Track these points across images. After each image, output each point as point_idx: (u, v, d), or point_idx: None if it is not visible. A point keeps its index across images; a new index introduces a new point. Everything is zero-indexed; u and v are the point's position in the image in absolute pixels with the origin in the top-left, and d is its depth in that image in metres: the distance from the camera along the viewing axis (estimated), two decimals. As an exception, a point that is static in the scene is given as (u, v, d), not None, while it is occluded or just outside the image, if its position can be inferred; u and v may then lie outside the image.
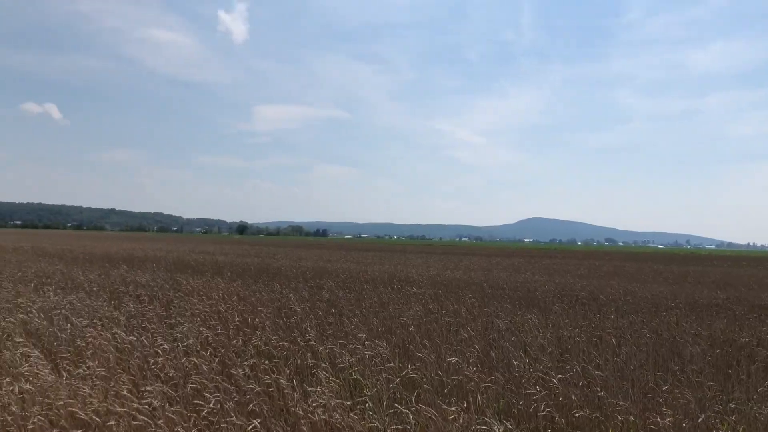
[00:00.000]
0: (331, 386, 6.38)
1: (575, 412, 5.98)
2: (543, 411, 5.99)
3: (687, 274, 30.20)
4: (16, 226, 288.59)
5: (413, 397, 6.22)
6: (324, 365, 7.31)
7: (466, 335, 9.42)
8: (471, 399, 6.40)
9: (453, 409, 5.71)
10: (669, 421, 5.63)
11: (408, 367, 7.11)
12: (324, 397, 5.86)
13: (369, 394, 6.52)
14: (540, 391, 6.39)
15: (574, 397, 6.35)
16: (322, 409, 5.58)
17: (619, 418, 5.84)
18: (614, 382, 7.17)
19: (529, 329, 10.41)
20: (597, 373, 7.32)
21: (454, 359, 7.56)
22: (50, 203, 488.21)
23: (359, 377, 7.10)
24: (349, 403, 6.02)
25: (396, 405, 5.82)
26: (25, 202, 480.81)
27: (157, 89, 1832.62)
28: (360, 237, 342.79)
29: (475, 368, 7.27)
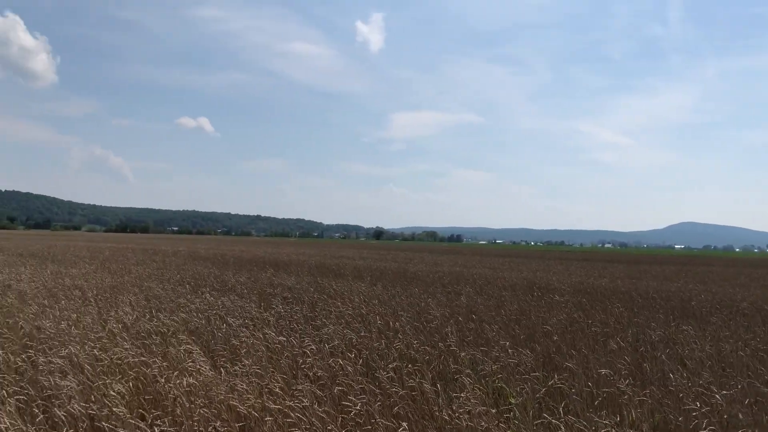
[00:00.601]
0: (475, 393, 6.29)
1: (743, 432, 5.49)
2: (705, 429, 5.54)
3: None
4: (173, 232, 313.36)
5: (560, 408, 5.98)
6: (467, 371, 7.24)
7: (615, 346, 8.97)
8: (624, 413, 6.07)
9: (605, 422, 5.44)
10: None
11: (554, 377, 6.87)
12: (469, 403, 5.79)
13: (514, 402, 6.37)
14: (701, 407, 5.92)
15: (741, 416, 5.84)
16: (467, 416, 5.51)
17: (797, 442, 5.28)
18: (788, 401, 6.51)
19: (685, 341, 9.72)
20: (766, 390, 6.69)
21: (604, 371, 7.20)
22: (203, 210, 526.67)
23: (504, 385, 6.96)
24: (494, 410, 5.91)
25: (545, 415, 5.63)
26: (181, 209, 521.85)
27: (299, 100, 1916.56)
28: (495, 243, 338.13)
29: (627, 381, 6.88)
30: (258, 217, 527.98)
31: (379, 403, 5.94)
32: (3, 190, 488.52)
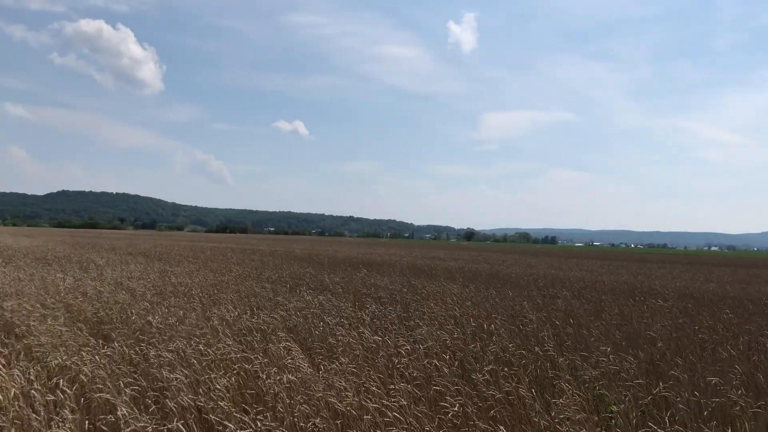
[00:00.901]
0: (575, 399, 6.12)
1: None
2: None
3: None
4: (269, 232, 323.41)
5: (666, 418, 5.72)
6: (566, 377, 7.06)
7: (725, 354, 8.48)
8: (737, 425, 5.73)
9: (716, 434, 5.16)
10: None
11: (659, 385, 6.58)
12: (569, 410, 5.65)
13: (616, 410, 6.16)
14: (825, 424, 5.51)
15: None
16: (567, 422, 5.38)
17: None
18: None
19: (804, 352, 9.07)
20: None
21: (713, 380, 6.83)
22: (298, 211, 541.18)
23: (605, 392, 6.74)
24: (596, 418, 5.74)
25: (649, 424, 5.40)
26: (277, 210, 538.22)
27: (391, 103, 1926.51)
28: (592, 245, 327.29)
29: (739, 391, 6.49)
30: (350, 218, 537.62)
31: (475, 405, 5.90)
32: (114, 192, 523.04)
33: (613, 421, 5.99)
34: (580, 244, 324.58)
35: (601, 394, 6.74)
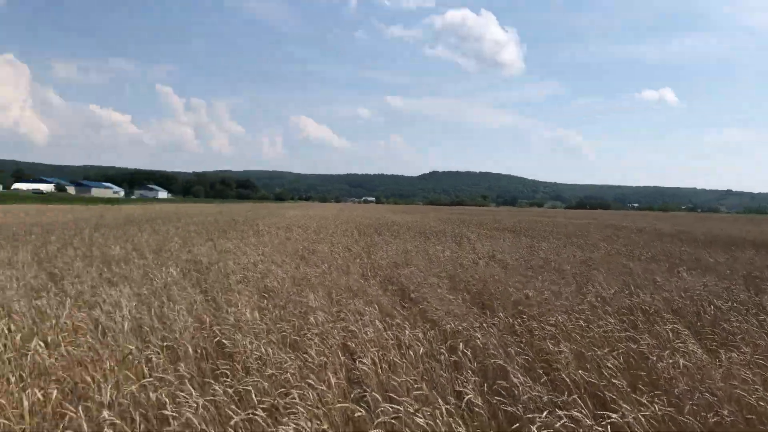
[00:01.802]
0: None
1: None
2: None
3: None
4: (632, 208, 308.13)
5: None
6: None
7: None
8: None
9: None
10: None
11: None
12: None
13: None
14: None
15: None
16: None
17: None
18: None
19: None
20: None
21: None
22: (665, 186, 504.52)
23: None
24: None
25: None
26: (641, 185, 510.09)
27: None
28: None
29: None
30: (728, 191, 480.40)
31: None
32: (477, 172, 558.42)
33: None
34: None
35: None
